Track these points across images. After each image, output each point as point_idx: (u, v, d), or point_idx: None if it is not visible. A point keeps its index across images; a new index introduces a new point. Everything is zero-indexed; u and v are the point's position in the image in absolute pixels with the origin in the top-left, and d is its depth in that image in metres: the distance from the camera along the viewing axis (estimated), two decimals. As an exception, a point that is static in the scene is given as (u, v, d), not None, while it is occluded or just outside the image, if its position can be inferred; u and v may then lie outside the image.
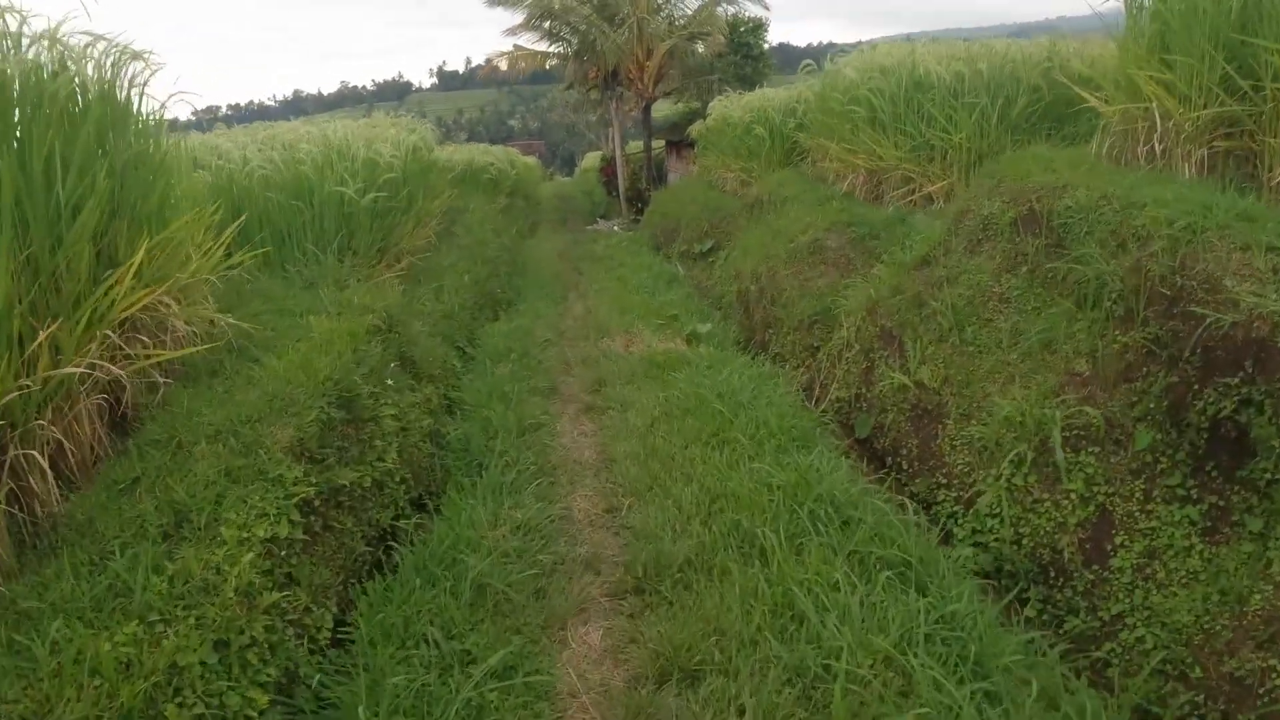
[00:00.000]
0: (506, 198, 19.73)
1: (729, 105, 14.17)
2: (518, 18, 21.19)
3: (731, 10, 20.41)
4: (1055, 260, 4.91)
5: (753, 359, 6.78)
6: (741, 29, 20.29)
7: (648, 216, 18.16)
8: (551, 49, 22.38)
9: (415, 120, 13.05)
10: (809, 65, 11.60)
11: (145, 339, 3.56)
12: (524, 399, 5.60)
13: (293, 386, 3.55)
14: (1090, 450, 3.89)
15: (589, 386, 6.13)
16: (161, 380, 3.56)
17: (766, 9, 20.78)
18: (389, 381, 4.30)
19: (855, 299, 6.22)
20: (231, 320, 4.12)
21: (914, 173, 7.91)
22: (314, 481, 3.19)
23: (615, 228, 20.72)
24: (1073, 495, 3.76)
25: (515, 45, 22.61)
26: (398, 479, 4.22)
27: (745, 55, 20.32)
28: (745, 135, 12.85)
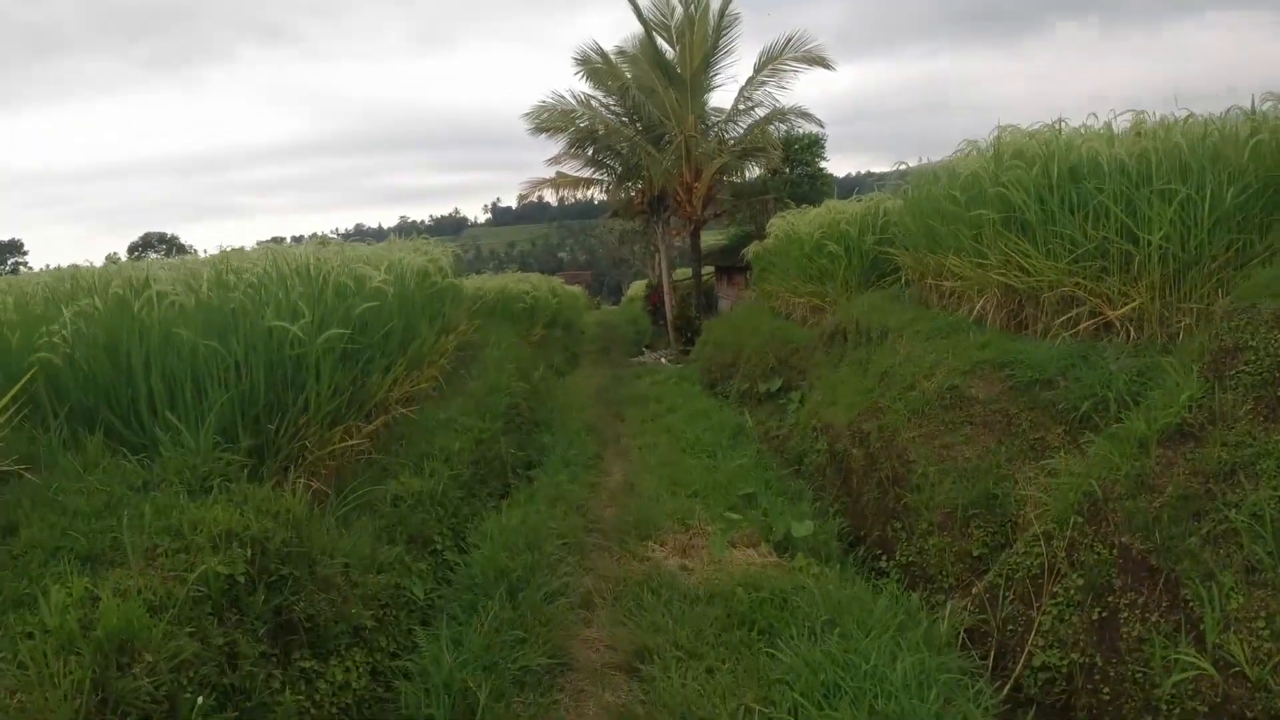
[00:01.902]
0: (544, 329, 17.96)
1: (793, 221, 12.34)
2: (560, 145, 20.21)
3: (784, 128, 19.08)
4: None
5: (878, 577, 4.33)
6: (796, 146, 18.82)
7: (699, 348, 16.15)
8: (594, 175, 21.27)
9: (440, 244, 11.48)
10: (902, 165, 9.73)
11: None
12: (503, 699, 3.04)
13: None
14: None
15: (623, 659, 3.58)
16: None
17: (821, 125, 19.40)
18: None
19: (1057, 493, 3.82)
20: None
21: (1081, 290, 5.64)
22: None
23: (663, 360, 18.71)
24: None
25: (558, 173, 21.57)
26: None
27: (803, 173, 18.73)
28: (815, 254, 10.90)
